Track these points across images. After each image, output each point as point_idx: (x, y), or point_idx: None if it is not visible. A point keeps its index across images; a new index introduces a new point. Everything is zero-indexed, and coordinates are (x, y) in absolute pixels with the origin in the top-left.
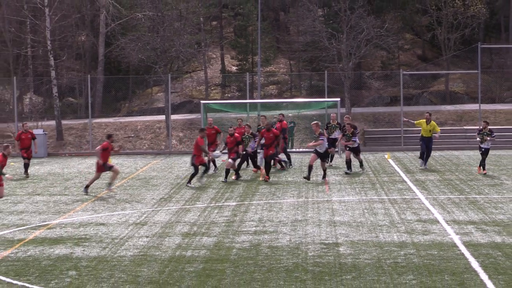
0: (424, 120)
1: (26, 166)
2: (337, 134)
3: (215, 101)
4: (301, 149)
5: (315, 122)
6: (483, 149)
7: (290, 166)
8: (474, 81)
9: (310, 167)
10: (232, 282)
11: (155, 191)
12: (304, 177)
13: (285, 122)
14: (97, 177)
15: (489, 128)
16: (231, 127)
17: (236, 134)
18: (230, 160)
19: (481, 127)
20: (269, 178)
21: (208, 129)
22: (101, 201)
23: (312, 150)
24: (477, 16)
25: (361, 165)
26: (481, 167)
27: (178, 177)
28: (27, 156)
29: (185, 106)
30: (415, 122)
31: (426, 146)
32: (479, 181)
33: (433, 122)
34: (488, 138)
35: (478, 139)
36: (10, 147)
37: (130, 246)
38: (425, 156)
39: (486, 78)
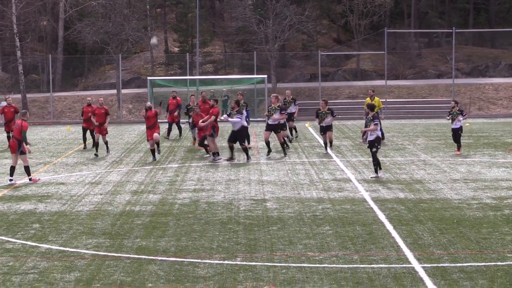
0: (368, 98)
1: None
2: (292, 109)
3: (160, 77)
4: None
5: (274, 94)
6: (454, 129)
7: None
8: (381, 60)
9: (268, 143)
10: (174, 233)
11: (109, 155)
12: (267, 155)
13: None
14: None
15: (458, 108)
16: (196, 105)
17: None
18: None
19: (451, 107)
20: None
21: (98, 109)
22: (61, 164)
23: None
24: (384, 5)
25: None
26: (458, 148)
27: (128, 143)
28: (8, 130)
29: (134, 82)
30: (365, 103)
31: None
32: (385, 146)
33: (376, 98)
34: (461, 118)
35: (448, 118)
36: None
37: (86, 202)
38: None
39: (392, 58)
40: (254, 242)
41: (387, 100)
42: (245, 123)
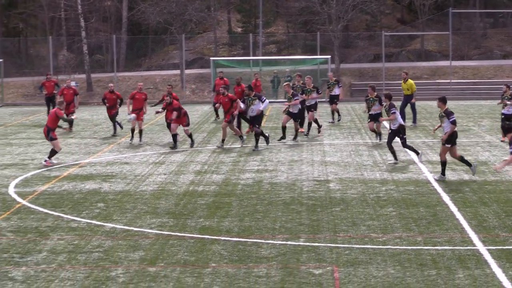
0: (403, 80)
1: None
2: (337, 91)
3: (223, 58)
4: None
5: (286, 83)
6: (505, 115)
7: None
8: (445, 41)
9: (284, 128)
10: (237, 213)
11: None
12: (279, 139)
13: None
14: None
15: (511, 92)
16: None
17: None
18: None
19: (503, 91)
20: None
21: (138, 93)
22: (125, 144)
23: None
24: None
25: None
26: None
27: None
28: (68, 112)
29: (197, 62)
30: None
31: (407, 103)
32: None
33: (409, 81)
34: (508, 102)
35: (499, 103)
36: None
37: (150, 182)
38: (413, 116)
39: (456, 38)
40: (317, 223)
41: (452, 81)
42: (261, 107)
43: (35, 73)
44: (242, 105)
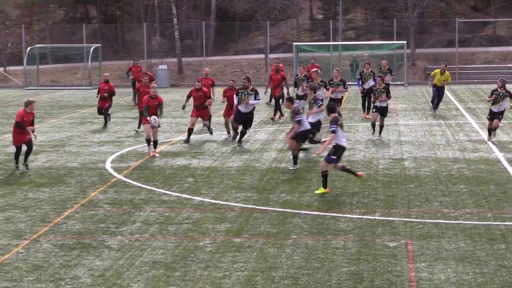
0: (439, 70)
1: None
2: (388, 79)
3: (305, 43)
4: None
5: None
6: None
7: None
8: None
9: (373, 125)
10: (317, 188)
11: (256, 115)
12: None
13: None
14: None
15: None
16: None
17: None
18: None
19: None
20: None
21: (204, 79)
22: (212, 123)
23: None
24: None
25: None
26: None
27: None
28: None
29: (280, 47)
30: (431, 73)
31: (438, 94)
32: None
33: (447, 73)
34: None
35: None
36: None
37: (236, 159)
38: (435, 102)
39: None
40: (392, 199)
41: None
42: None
43: (130, 57)
44: (255, 101)
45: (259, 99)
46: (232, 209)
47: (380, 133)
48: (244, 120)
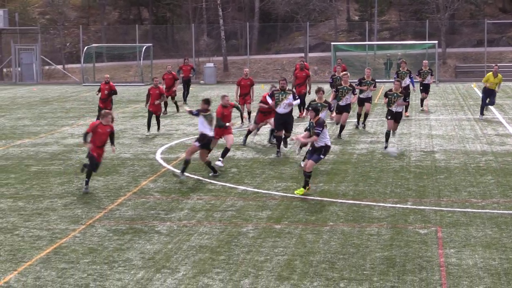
0: (491, 73)
1: (165, 104)
2: (429, 80)
3: (342, 43)
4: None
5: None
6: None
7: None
8: None
9: (388, 134)
10: (353, 179)
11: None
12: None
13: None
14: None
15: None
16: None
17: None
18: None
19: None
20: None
21: (244, 80)
22: (252, 117)
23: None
24: None
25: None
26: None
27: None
28: (168, 95)
29: (319, 47)
30: (483, 80)
31: (488, 98)
32: None
33: (499, 75)
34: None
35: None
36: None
37: (276, 151)
38: (486, 106)
39: None
40: (423, 189)
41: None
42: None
43: (179, 56)
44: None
45: (297, 98)
46: (273, 198)
47: (363, 122)
48: (284, 123)
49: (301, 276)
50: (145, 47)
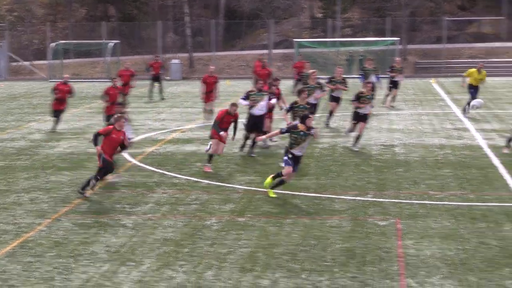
0: (475, 70)
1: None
2: (400, 78)
3: (305, 40)
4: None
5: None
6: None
7: None
8: (500, 25)
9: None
10: (315, 172)
11: None
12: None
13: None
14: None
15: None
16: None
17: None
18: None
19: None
20: None
21: (209, 77)
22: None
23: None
24: None
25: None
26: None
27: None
28: (123, 91)
29: (282, 43)
30: (464, 74)
31: (475, 93)
32: (501, 99)
33: (483, 72)
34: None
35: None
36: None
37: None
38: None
39: (509, 22)
40: (383, 182)
41: (504, 59)
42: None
43: (146, 53)
44: (273, 101)
45: (274, 98)
46: (237, 191)
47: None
48: (256, 125)
49: (263, 268)
50: (112, 44)
